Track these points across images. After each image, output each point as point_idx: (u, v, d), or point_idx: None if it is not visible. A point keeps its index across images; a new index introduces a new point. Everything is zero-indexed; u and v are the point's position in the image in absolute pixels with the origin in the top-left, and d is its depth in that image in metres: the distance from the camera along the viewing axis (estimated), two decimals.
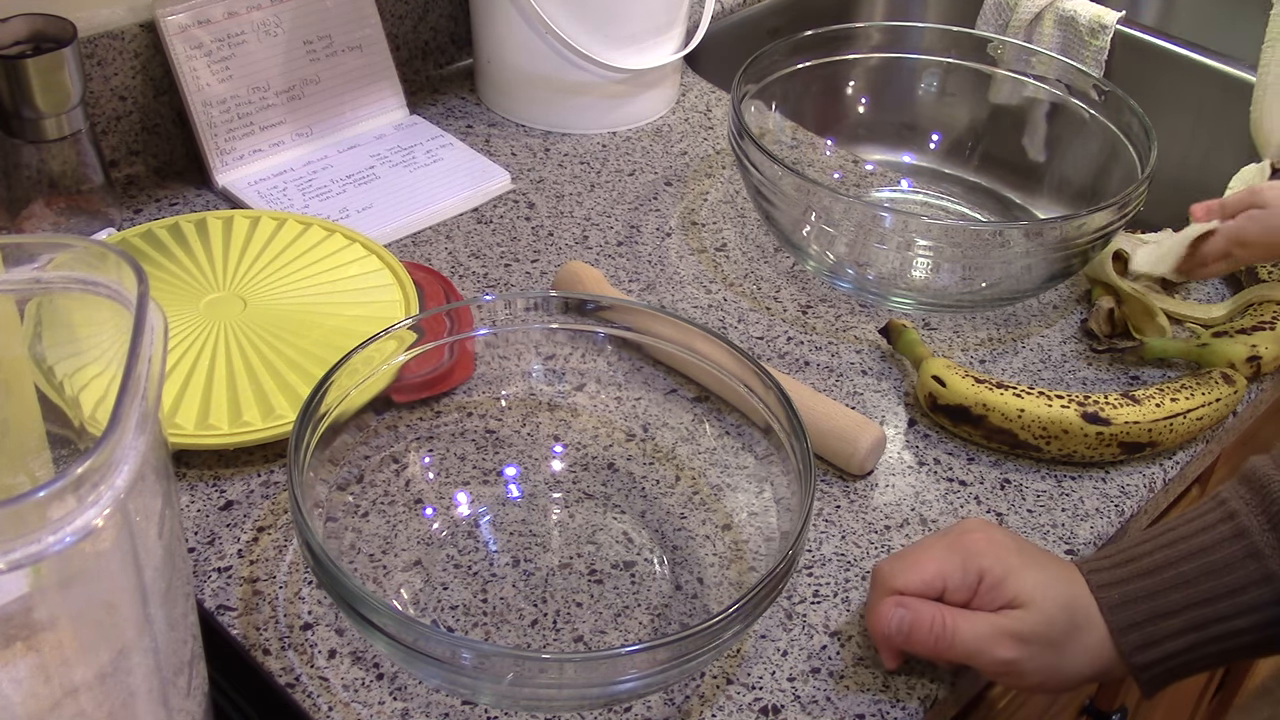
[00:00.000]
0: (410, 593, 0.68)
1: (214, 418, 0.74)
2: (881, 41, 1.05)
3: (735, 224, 0.99)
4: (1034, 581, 0.62)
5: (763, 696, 0.65)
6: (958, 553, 0.63)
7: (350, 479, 0.71)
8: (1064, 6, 1.21)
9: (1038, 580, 0.62)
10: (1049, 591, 0.62)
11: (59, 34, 0.83)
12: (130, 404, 0.42)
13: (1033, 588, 0.62)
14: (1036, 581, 0.62)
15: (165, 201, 0.96)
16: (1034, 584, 0.62)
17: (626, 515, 0.74)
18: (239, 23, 0.96)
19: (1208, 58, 1.16)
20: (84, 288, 0.49)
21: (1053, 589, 0.62)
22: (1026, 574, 0.62)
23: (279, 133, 0.99)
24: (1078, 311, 0.92)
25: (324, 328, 0.81)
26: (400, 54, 1.09)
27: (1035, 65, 1.02)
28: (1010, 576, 0.62)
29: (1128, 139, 0.94)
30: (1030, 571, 0.62)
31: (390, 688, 0.64)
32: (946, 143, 1.07)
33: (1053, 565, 0.64)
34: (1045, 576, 0.62)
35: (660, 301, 0.90)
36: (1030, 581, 0.62)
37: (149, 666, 0.48)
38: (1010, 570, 0.62)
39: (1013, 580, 0.62)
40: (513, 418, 0.78)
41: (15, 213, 0.87)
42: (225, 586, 0.68)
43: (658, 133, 1.09)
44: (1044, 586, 0.62)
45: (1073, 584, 0.63)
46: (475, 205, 0.99)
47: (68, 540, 0.39)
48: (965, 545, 0.63)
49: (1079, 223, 0.83)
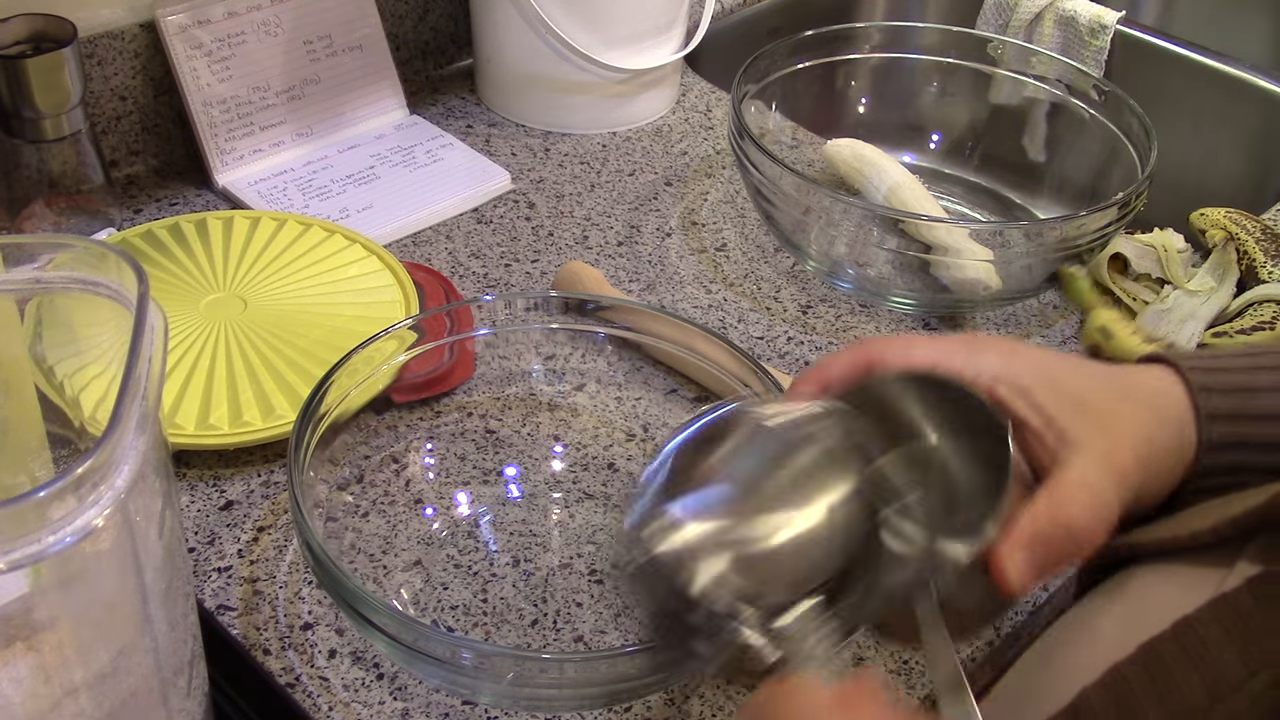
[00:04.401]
0: (410, 593, 0.68)
1: (214, 418, 0.74)
2: (881, 41, 1.05)
3: (735, 224, 0.99)
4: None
5: None
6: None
7: (350, 479, 0.71)
8: (1064, 6, 1.21)
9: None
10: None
11: (59, 34, 0.83)
12: (130, 404, 0.42)
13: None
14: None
15: (165, 201, 0.96)
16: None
17: (626, 515, 0.73)
18: (239, 23, 0.96)
19: (1208, 58, 1.16)
20: (84, 288, 0.49)
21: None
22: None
23: (279, 133, 0.99)
24: (1077, 312, 0.92)
25: (324, 328, 0.81)
26: (400, 54, 1.09)
27: (1035, 65, 1.02)
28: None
29: (1128, 139, 0.94)
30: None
31: (390, 688, 0.64)
32: (946, 143, 1.07)
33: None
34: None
35: (660, 301, 0.90)
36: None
37: (149, 666, 0.48)
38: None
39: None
40: (513, 418, 0.78)
41: (15, 213, 0.87)
42: (225, 586, 0.68)
43: (658, 133, 1.09)
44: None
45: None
46: (475, 205, 0.99)
47: (68, 540, 0.39)
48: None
49: (1079, 223, 0.83)
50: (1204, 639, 0.44)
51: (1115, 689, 0.45)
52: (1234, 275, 0.91)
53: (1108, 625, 0.49)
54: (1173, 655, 0.45)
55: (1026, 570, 0.47)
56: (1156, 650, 0.45)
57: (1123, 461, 0.50)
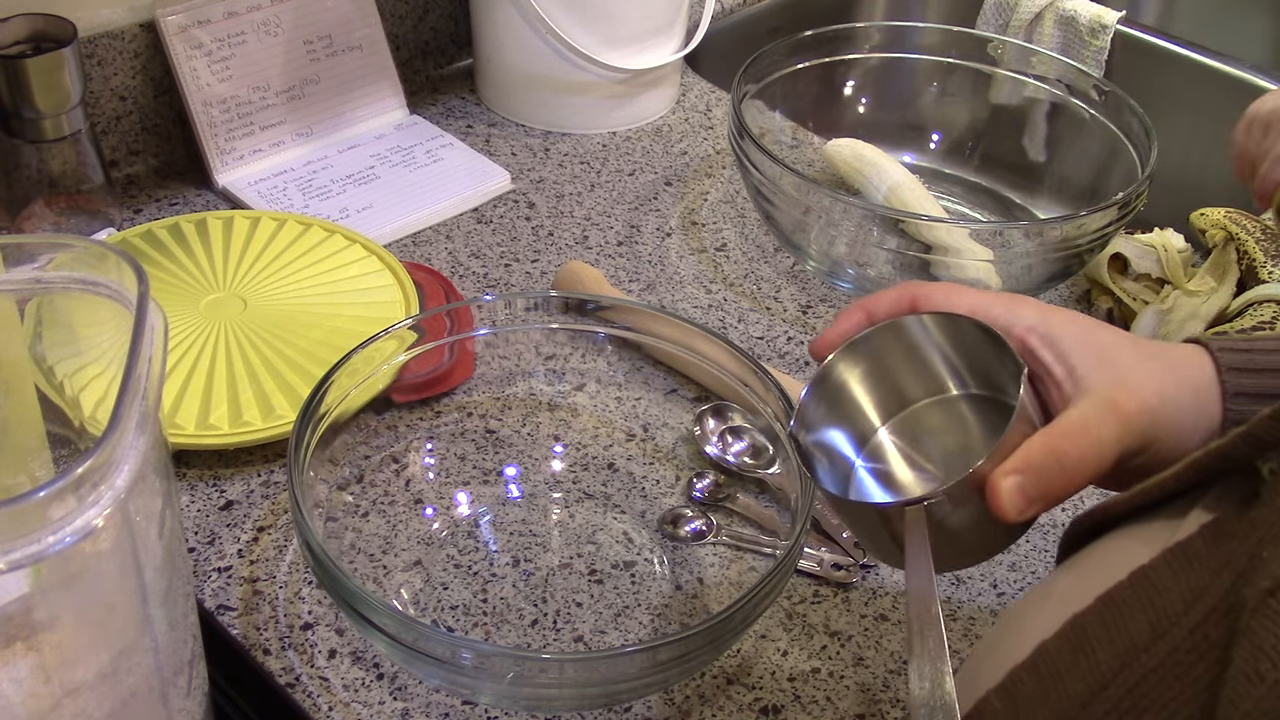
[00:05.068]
0: (410, 593, 0.68)
1: (214, 418, 0.74)
2: (881, 41, 1.05)
3: (735, 224, 0.99)
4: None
5: (763, 696, 0.65)
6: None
7: (350, 479, 0.71)
8: (1064, 6, 1.21)
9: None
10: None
11: (59, 34, 0.83)
12: (130, 404, 0.42)
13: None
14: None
15: (165, 201, 0.96)
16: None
17: (626, 515, 0.74)
18: (239, 23, 0.96)
19: (1208, 58, 1.16)
20: (84, 288, 0.49)
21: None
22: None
23: (279, 133, 0.99)
24: (1076, 307, 0.92)
25: (324, 328, 0.81)
26: (400, 54, 1.09)
27: (1035, 65, 1.01)
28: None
29: (1128, 139, 0.94)
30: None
31: (390, 688, 0.64)
32: (946, 143, 1.07)
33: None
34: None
35: (660, 301, 0.90)
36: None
37: (149, 666, 0.48)
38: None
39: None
40: (513, 418, 0.78)
41: (15, 213, 0.87)
42: (225, 586, 0.68)
43: (658, 133, 1.09)
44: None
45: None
46: (475, 205, 0.99)
47: (68, 540, 0.39)
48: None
49: (1079, 223, 0.83)
50: (1155, 584, 0.46)
51: (1072, 637, 0.47)
52: (1234, 275, 0.91)
53: (1071, 584, 0.51)
54: (1126, 601, 0.46)
55: (1017, 495, 0.51)
56: (1114, 598, 0.47)
57: (1127, 409, 0.52)
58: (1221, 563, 0.45)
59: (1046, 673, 0.46)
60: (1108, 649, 0.45)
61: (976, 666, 0.51)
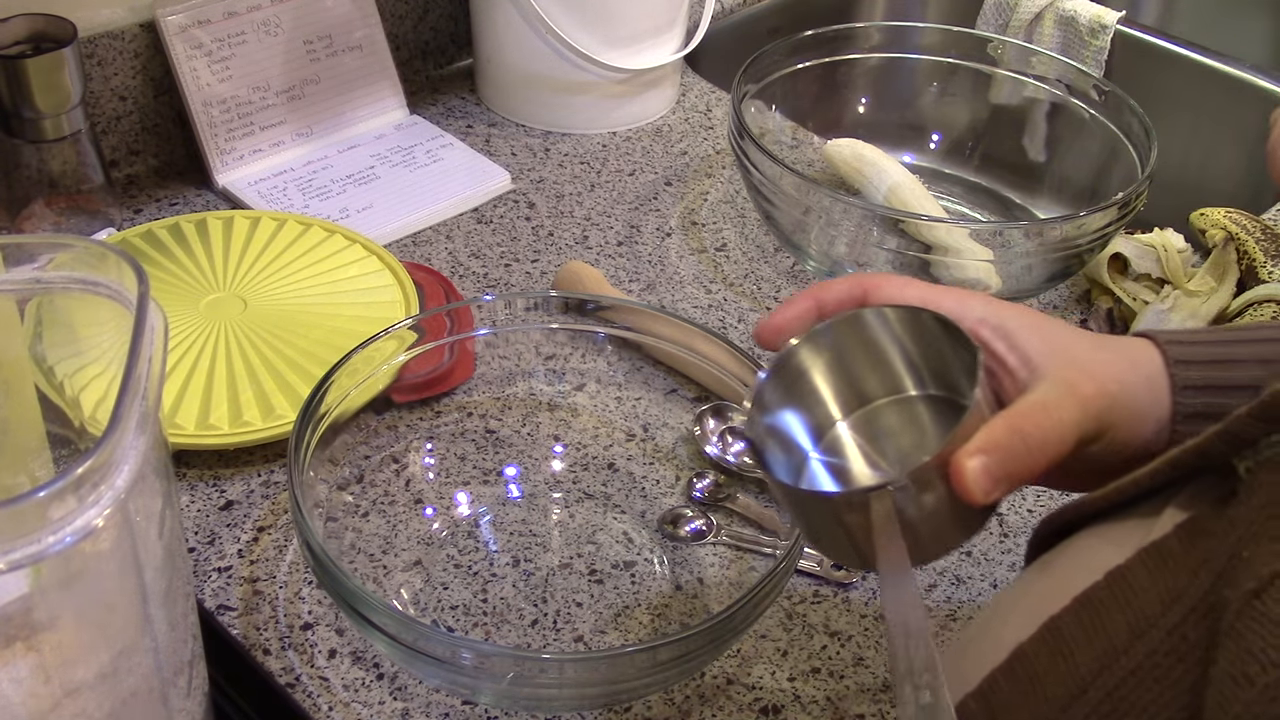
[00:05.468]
0: (410, 593, 0.68)
1: (214, 418, 0.74)
2: (881, 41, 1.05)
3: (735, 224, 0.99)
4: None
5: (763, 696, 0.65)
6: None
7: (350, 479, 0.71)
8: (1064, 6, 1.21)
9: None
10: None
11: (59, 34, 0.83)
12: (130, 404, 0.42)
13: None
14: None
15: (165, 201, 0.96)
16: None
17: (626, 515, 0.74)
18: (239, 23, 0.96)
19: (1208, 58, 1.16)
20: (84, 288, 0.49)
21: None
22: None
23: (279, 133, 0.99)
24: (1077, 311, 0.92)
25: (324, 328, 0.81)
26: (400, 54, 1.09)
27: (1035, 65, 1.01)
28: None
29: (1128, 139, 0.94)
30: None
31: (390, 688, 0.64)
32: (946, 143, 1.07)
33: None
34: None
35: (660, 301, 0.90)
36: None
37: (149, 666, 0.48)
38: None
39: None
40: (513, 418, 0.78)
41: (15, 213, 0.87)
42: (225, 586, 0.69)
43: (658, 133, 1.09)
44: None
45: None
46: (475, 205, 0.99)
47: (68, 540, 0.39)
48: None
49: (1079, 223, 0.83)
50: (1132, 584, 0.46)
51: (1049, 639, 0.47)
52: (1234, 275, 0.91)
53: (1046, 585, 0.50)
54: (1103, 601, 0.46)
55: (983, 476, 0.49)
56: (1090, 599, 0.47)
57: (1085, 391, 0.52)
58: (1199, 562, 0.44)
59: (1024, 676, 0.46)
60: (1086, 651, 0.45)
61: (951, 671, 0.50)
